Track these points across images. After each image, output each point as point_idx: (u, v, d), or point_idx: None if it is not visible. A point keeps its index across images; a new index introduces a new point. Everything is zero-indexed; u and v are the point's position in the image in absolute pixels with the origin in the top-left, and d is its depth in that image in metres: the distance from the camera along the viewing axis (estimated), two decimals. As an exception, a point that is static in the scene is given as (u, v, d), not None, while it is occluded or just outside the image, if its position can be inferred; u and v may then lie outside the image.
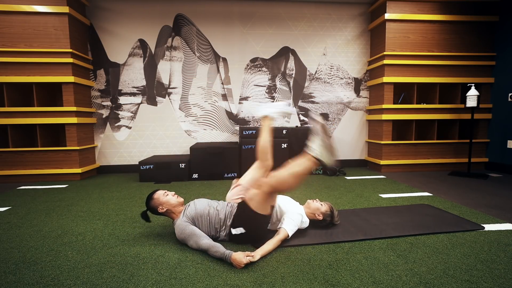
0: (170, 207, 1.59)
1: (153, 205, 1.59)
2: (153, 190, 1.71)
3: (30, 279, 1.23)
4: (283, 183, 1.43)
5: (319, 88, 4.01)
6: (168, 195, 1.61)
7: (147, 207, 1.62)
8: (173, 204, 1.59)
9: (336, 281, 1.20)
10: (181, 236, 1.49)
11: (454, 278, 1.21)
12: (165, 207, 1.58)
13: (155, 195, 1.61)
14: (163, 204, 1.58)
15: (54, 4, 3.16)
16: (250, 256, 1.31)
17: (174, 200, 1.60)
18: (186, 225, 1.50)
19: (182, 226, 1.51)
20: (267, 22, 3.86)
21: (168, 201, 1.59)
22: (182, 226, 1.51)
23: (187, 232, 1.47)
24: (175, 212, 1.60)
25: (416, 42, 3.64)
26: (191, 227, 1.49)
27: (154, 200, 1.59)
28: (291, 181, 1.44)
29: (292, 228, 1.58)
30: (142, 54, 3.74)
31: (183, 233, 1.48)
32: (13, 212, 2.16)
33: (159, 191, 1.63)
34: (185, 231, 1.48)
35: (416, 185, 2.94)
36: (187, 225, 1.50)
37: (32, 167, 3.29)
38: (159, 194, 1.61)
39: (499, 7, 3.69)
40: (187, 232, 1.47)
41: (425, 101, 3.89)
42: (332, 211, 1.75)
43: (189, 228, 1.49)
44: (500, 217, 1.97)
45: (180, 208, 1.62)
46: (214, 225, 1.55)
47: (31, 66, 3.20)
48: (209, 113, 3.90)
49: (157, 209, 1.58)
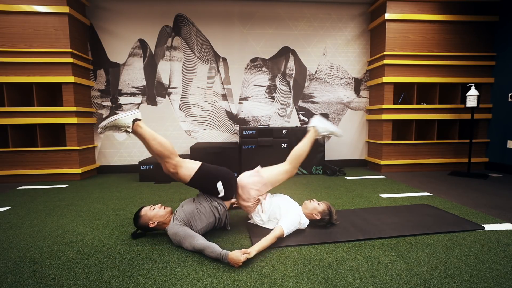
0: (160, 219, 1.57)
1: (143, 222, 1.57)
2: (138, 209, 1.70)
3: (30, 279, 1.23)
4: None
5: (319, 88, 4.01)
6: (155, 208, 1.60)
7: (137, 226, 1.60)
8: (162, 215, 1.58)
9: (336, 281, 1.20)
10: (176, 239, 1.48)
11: (454, 278, 1.21)
12: (155, 220, 1.56)
13: (142, 212, 1.59)
14: (152, 218, 1.56)
15: (54, 4, 3.16)
16: (246, 254, 1.31)
17: (162, 211, 1.59)
18: (178, 227, 1.49)
19: (174, 229, 1.49)
20: (267, 22, 3.86)
21: (157, 213, 1.57)
22: (174, 229, 1.49)
23: (181, 234, 1.46)
24: (166, 223, 1.59)
25: (416, 42, 3.64)
26: (184, 229, 1.48)
27: (142, 217, 1.57)
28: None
29: (289, 227, 1.58)
30: (142, 54, 3.74)
31: (177, 236, 1.47)
32: (13, 212, 2.15)
33: (144, 208, 1.62)
34: (178, 233, 1.47)
35: (416, 185, 2.94)
36: (179, 227, 1.49)
37: (32, 167, 3.29)
38: (145, 210, 1.60)
39: (499, 7, 3.69)
40: (181, 234, 1.46)
41: (425, 101, 3.89)
42: (330, 210, 1.75)
43: (181, 230, 1.47)
44: (500, 217, 1.97)
45: (169, 217, 1.61)
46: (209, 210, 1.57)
47: (31, 66, 3.20)
48: (209, 113, 3.90)
49: (147, 225, 1.57)
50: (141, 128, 1.55)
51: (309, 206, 1.76)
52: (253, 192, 1.71)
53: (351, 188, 2.84)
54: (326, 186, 2.95)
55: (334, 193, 2.65)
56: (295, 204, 1.79)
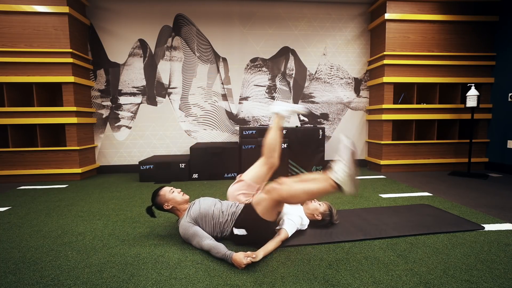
0: (175, 204, 1.60)
1: (159, 201, 1.61)
2: (160, 186, 1.72)
3: (30, 279, 1.23)
4: (294, 197, 1.36)
5: (319, 88, 4.01)
6: (174, 192, 1.63)
7: (153, 203, 1.63)
8: (179, 201, 1.61)
9: (336, 281, 1.20)
10: (185, 236, 1.52)
11: (454, 278, 1.21)
12: (171, 204, 1.60)
13: (162, 192, 1.62)
14: (169, 201, 1.60)
15: (54, 4, 3.16)
16: (251, 257, 1.30)
17: (179, 197, 1.62)
18: (189, 225, 1.52)
19: (185, 226, 1.52)
20: (267, 22, 3.86)
21: (174, 198, 1.60)
22: (185, 226, 1.52)
23: (190, 233, 1.49)
24: (180, 210, 1.62)
25: (416, 42, 3.64)
26: (194, 228, 1.50)
27: (160, 197, 1.61)
28: (303, 197, 1.36)
29: (292, 229, 1.59)
30: (142, 54, 3.74)
31: (187, 233, 1.50)
32: (13, 212, 2.15)
33: (165, 188, 1.65)
34: (188, 232, 1.50)
35: (416, 185, 2.94)
36: (190, 226, 1.51)
37: (32, 167, 3.29)
38: (165, 190, 1.63)
39: (499, 7, 3.68)
40: (190, 232, 1.49)
41: (425, 101, 3.89)
42: (331, 210, 1.76)
43: (192, 229, 1.50)
44: (500, 217, 1.97)
45: (185, 205, 1.63)
46: (219, 225, 1.55)
47: (31, 66, 3.20)
48: (209, 113, 3.90)
49: (162, 205, 1.60)
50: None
51: (311, 206, 1.76)
52: (241, 196, 1.71)
53: (351, 188, 2.83)
54: (326, 186, 2.95)
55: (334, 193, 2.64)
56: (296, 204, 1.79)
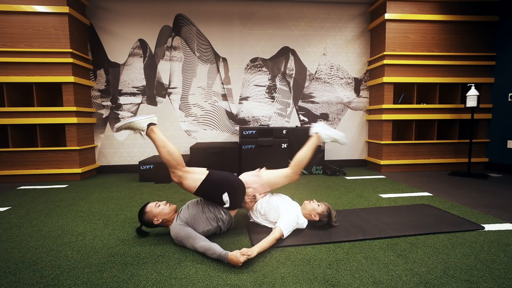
0: (164, 216, 1.59)
1: (147, 218, 1.58)
2: (143, 204, 1.70)
3: (30, 279, 1.23)
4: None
5: (319, 88, 4.01)
6: (160, 206, 1.60)
7: (142, 222, 1.60)
8: (167, 213, 1.59)
9: (336, 281, 1.20)
10: (178, 238, 1.50)
11: (454, 278, 1.21)
12: (160, 217, 1.58)
13: (147, 208, 1.60)
14: (158, 216, 1.57)
15: (54, 4, 3.16)
16: (246, 254, 1.30)
17: (167, 209, 1.60)
18: (181, 227, 1.50)
19: (177, 229, 1.50)
20: (267, 22, 3.86)
21: (162, 211, 1.59)
22: (177, 229, 1.50)
23: (182, 235, 1.47)
24: (170, 220, 1.60)
25: (416, 42, 3.64)
26: (186, 229, 1.48)
27: (147, 214, 1.58)
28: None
29: (288, 228, 1.58)
30: (142, 54, 3.74)
31: (179, 236, 1.48)
32: (13, 212, 2.15)
33: (150, 204, 1.62)
34: (180, 234, 1.48)
35: (416, 185, 2.94)
36: (182, 228, 1.49)
37: (32, 167, 3.29)
38: (151, 206, 1.60)
39: (499, 7, 3.69)
40: (182, 234, 1.47)
41: (425, 101, 3.89)
42: (330, 212, 1.74)
43: (183, 231, 1.48)
44: (500, 217, 1.97)
45: (174, 215, 1.62)
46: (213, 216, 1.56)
47: (31, 66, 3.20)
48: (209, 113, 3.90)
49: (152, 221, 1.58)
50: (154, 134, 1.61)
51: (308, 207, 1.76)
52: (249, 189, 1.72)
53: (351, 188, 2.84)
54: (326, 186, 2.95)
55: (334, 193, 2.65)
56: (294, 204, 1.79)
